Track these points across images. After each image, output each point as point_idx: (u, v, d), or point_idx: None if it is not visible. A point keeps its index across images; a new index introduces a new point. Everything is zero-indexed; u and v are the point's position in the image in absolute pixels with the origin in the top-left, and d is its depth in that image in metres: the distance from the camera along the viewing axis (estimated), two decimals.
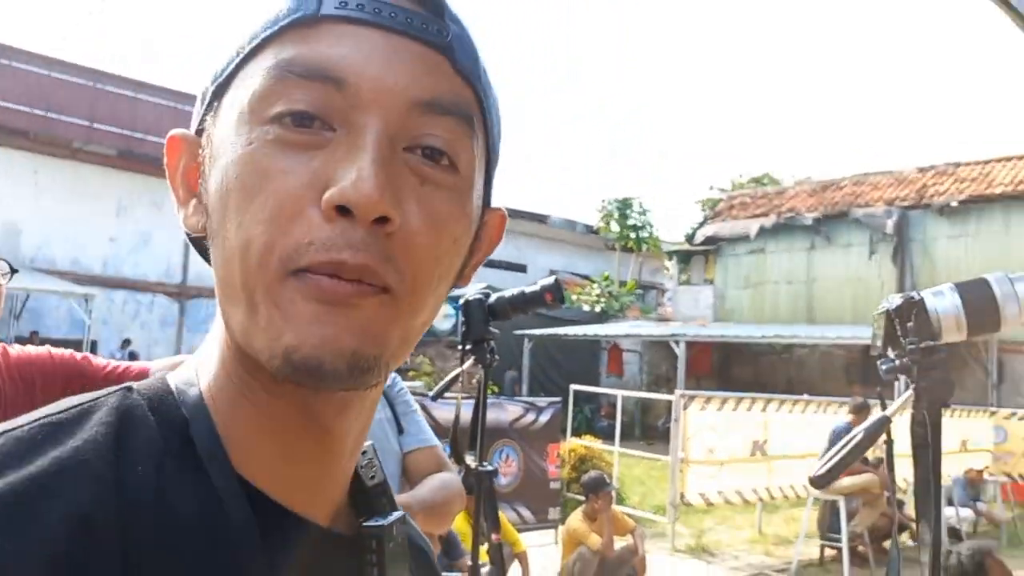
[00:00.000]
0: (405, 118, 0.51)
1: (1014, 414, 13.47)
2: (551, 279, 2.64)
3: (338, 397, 0.53)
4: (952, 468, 10.75)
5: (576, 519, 6.25)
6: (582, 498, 6.36)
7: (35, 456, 0.46)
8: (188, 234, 0.57)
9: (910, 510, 9.36)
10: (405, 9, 0.52)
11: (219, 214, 0.51)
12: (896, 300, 1.20)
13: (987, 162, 19.54)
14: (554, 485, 7.66)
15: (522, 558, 5.77)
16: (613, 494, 6.77)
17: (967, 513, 9.78)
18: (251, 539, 0.50)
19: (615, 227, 26.69)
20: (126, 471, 0.47)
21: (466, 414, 2.75)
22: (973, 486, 10.09)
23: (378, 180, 0.48)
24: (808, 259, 20.75)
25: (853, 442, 1.18)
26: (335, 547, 0.57)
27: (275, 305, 0.49)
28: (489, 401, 8.42)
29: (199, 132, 0.56)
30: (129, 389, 0.53)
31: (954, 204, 18.48)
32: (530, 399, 8.57)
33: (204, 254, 0.57)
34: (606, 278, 24.90)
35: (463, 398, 2.89)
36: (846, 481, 7.54)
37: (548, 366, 20.66)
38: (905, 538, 8.57)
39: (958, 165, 20.01)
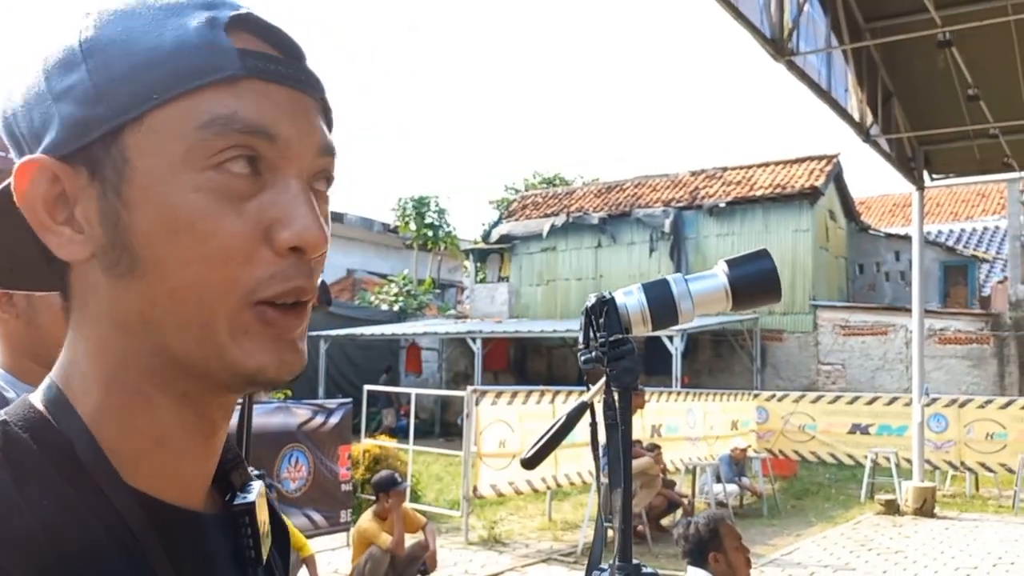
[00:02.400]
0: (312, 162, 0.59)
1: (773, 395, 14.91)
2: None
3: (231, 401, 0.62)
4: (726, 448, 11.73)
5: (366, 519, 6.25)
6: (375, 499, 6.37)
7: None
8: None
9: (682, 489, 10.13)
10: (288, 63, 0.59)
11: (158, 252, 0.55)
12: (592, 299, 1.34)
13: (750, 167, 21.41)
14: (346, 487, 7.61)
15: (310, 562, 5.70)
16: (406, 492, 6.83)
17: (733, 488, 10.67)
18: (154, 544, 0.55)
19: (413, 226, 26.75)
20: (39, 506, 0.51)
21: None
22: (738, 463, 11.01)
23: (321, 223, 0.57)
24: (596, 256, 21.79)
25: (557, 425, 1.32)
26: (215, 529, 0.63)
27: (232, 335, 0.56)
28: (276, 405, 8.15)
29: (67, 159, 0.56)
30: (4, 423, 0.55)
31: (722, 205, 20.11)
32: (319, 401, 8.45)
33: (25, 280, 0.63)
34: (404, 277, 24.93)
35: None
36: (634, 462, 8.03)
37: (346, 367, 20.40)
38: (679, 514, 9.28)
39: (725, 169, 21.77)
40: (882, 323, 17.97)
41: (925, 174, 11.64)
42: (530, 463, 1.36)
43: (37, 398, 0.58)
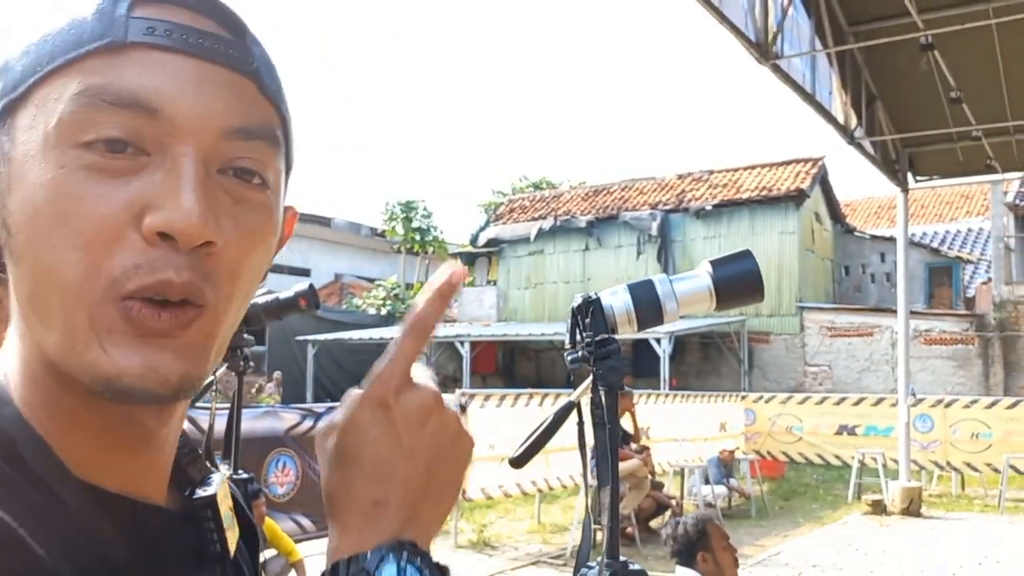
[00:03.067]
0: (218, 144, 0.52)
1: (761, 397, 14.97)
2: (305, 284, 2.67)
3: (162, 408, 0.56)
4: (714, 450, 11.77)
5: None
6: None
7: None
8: None
9: (671, 490, 10.16)
10: (212, 35, 0.53)
11: (26, 234, 0.50)
12: (578, 299, 1.35)
13: (735, 170, 21.52)
14: None
15: (299, 567, 5.69)
16: None
17: (721, 489, 10.71)
18: (109, 534, 0.51)
19: (400, 229, 26.73)
20: None
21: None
22: (726, 465, 11.05)
23: (200, 208, 0.50)
24: (583, 259, 21.85)
25: (544, 425, 1.33)
26: (176, 523, 0.59)
27: (94, 330, 0.50)
28: (264, 409, 8.12)
29: None
30: None
31: (708, 208, 20.20)
32: (308, 406, 8.43)
33: None
34: (392, 281, 24.90)
35: (218, 408, 2.83)
36: (621, 464, 8.04)
37: (334, 371, 20.36)
38: (667, 515, 9.30)
39: (711, 172, 21.88)
40: (868, 324, 18.09)
41: (909, 176, 11.72)
42: (518, 462, 1.38)
43: None
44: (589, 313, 1.35)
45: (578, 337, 1.42)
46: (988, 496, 12.05)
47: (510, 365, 22.68)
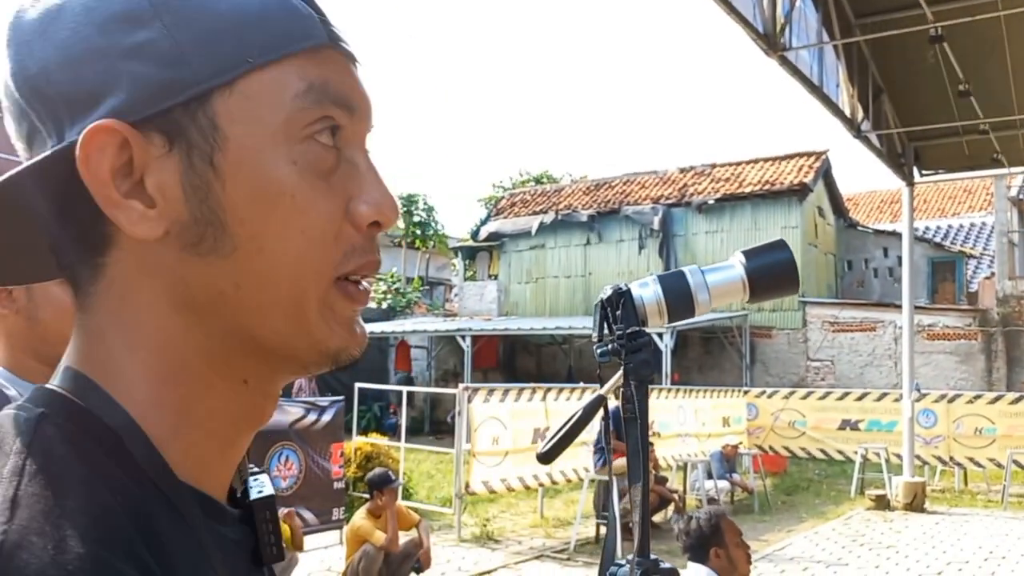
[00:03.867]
0: (368, 132, 0.58)
1: (763, 392, 14.95)
2: None
3: (280, 388, 0.60)
4: (716, 445, 11.75)
5: (360, 517, 6.22)
6: (369, 496, 6.35)
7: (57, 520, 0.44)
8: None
9: (674, 485, 10.14)
10: (346, 38, 0.57)
11: (254, 227, 0.52)
12: (608, 291, 1.31)
13: (738, 164, 21.46)
14: (338, 485, 7.56)
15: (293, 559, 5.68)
16: (399, 490, 6.80)
17: (724, 484, 10.70)
18: (206, 537, 0.53)
19: (401, 224, 26.68)
20: (122, 501, 0.48)
21: None
22: (729, 460, 11.03)
23: (394, 196, 0.57)
24: (584, 253, 21.80)
25: (573, 420, 1.29)
26: (235, 523, 0.59)
27: (321, 312, 0.54)
28: None
29: (140, 124, 0.50)
30: (43, 415, 0.50)
31: (711, 202, 20.14)
32: (311, 399, 8.40)
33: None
34: (393, 275, 24.87)
35: None
36: (620, 461, 8.02)
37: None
38: (671, 510, 9.28)
39: (714, 166, 21.81)
40: (871, 319, 18.05)
41: (915, 170, 11.68)
42: (546, 457, 1.33)
43: (64, 391, 0.52)
44: (620, 305, 1.31)
45: (606, 330, 1.37)
46: (991, 491, 12.03)
47: (511, 359, 22.66)
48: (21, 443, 0.48)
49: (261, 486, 0.62)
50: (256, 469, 0.67)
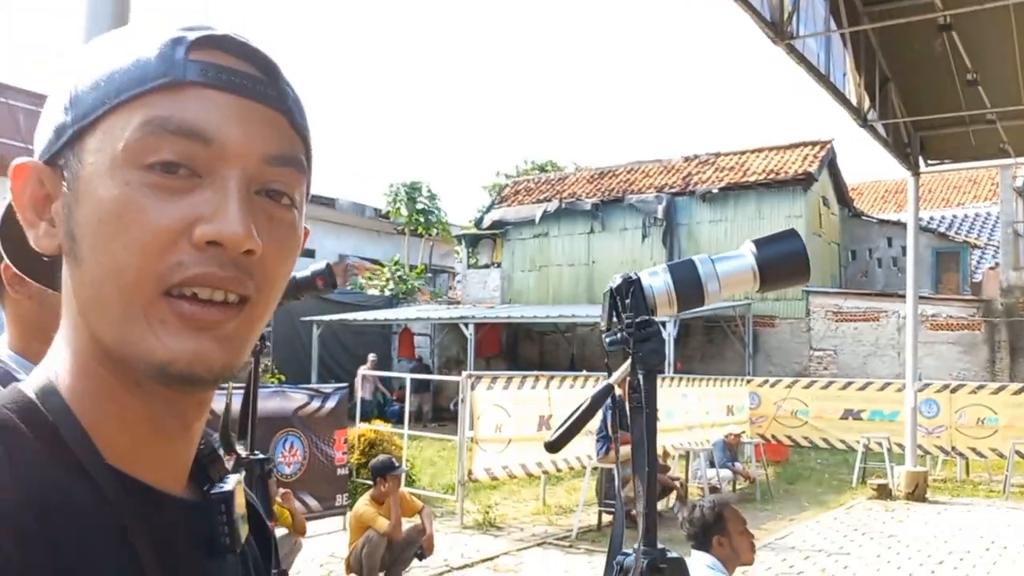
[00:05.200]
0: (257, 169, 0.61)
1: (766, 381, 14.95)
2: (322, 264, 2.63)
3: (201, 396, 0.65)
4: (719, 434, 11.76)
5: (363, 503, 6.24)
6: (372, 483, 6.36)
7: None
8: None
9: (676, 473, 10.15)
10: (252, 77, 0.62)
11: (91, 241, 0.59)
12: (617, 280, 1.31)
13: (743, 153, 21.37)
14: (341, 472, 7.58)
15: (296, 547, 5.72)
16: (402, 476, 6.81)
17: (726, 473, 10.71)
18: (133, 519, 0.59)
19: (404, 211, 26.63)
20: (25, 480, 0.55)
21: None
22: (731, 448, 11.04)
23: (244, 221, 0.59)
24: (588, 242, 21.76)
25: (581, 409, 1.28)
26: (191, 514, 0.66)
27: (149, 323, 0.59)
28: (272, 389, 8.15)
29: (50, 162, 0.62)
30: None
31: (715, 191, 20.08)
32: (315, 386, 8.41)
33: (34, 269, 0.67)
34: (396, 262, 24.85)
35: (234, 388, 2.80)
36: (623, 449, 8.03)
37: (338, 352, 20.35)
38: (672, 498, 9.31)
39: (718, 155, 21.73)
40: (874, 309, 18.02)
41: (920, 160, 11.63)
42: (554, 446, 1.33)
43: (28, 384, 0.62)
44: (629, 294, 1.30)
45: (615, 319, 1.37)
46: (993, 481, 12.04)
47: (514, 347, 22.67)
48: None
49: (223, 484, 0.69)
50: (261, 459, 0.73)
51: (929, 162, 12.02)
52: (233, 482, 0.70)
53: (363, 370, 16.49)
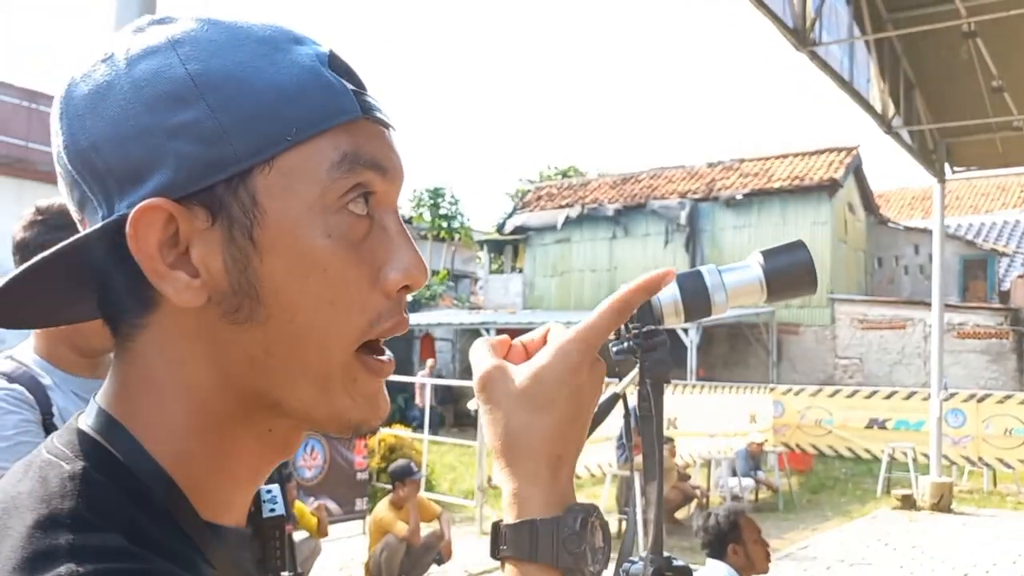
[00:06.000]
0: (399, 195, 0.60)
1: (790, 390, 14.83)
2: None
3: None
4: (742, 442, 11.70)
5: (382, 508, 6.28)
6: (391, 488, 6.40)
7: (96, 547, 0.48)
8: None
9: (697, 482, 10.11)
10: (378, 103, 0.59)
11: (287, 297, 0.54)
12: None
13: (767, 159, 21.25)
14: (361, 476, 7.64)
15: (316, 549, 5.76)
16: (421, 481, 6.85)
17: (748, 482, 10.65)
18: (224, 563, 0.56)
19: (427, 216, 26.74)
20: (144, 544, 0.50)
21: None
22: (754, 457, 10.97)
23: (423, 259, 0.58)
24: (610, 248, 21.73)
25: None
26: (248, 540, 0.64)
27: (343, 382, 0.56)
28: None
29: (185, 201, 0.53)
30: (85, 469, 0.53)
31: (739, 197, 19.98)
32: None
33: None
34: None
35: None
36: (637, 457, 8.01)
37: None
38: (693, 507, 9.27)
39: (742, 161, 21.63)
40: (900, 317, 17.84)
41: (947, 167, 11.51)
42: None
43: (97, 435, 0.56)
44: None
45: (622, 328, 1.38)
46: (1021, 493, 11.87)
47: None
48: (70, 501, 0.51)
49: (273, 503, 0.67)
50: (270, 486, 0.71)
51: (955, 169, 11.90)
52: (280, 502, 0.69)
53: (421, 376, 16.33)
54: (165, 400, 0.56)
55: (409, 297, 0.61)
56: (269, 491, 0.70)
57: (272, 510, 0.67)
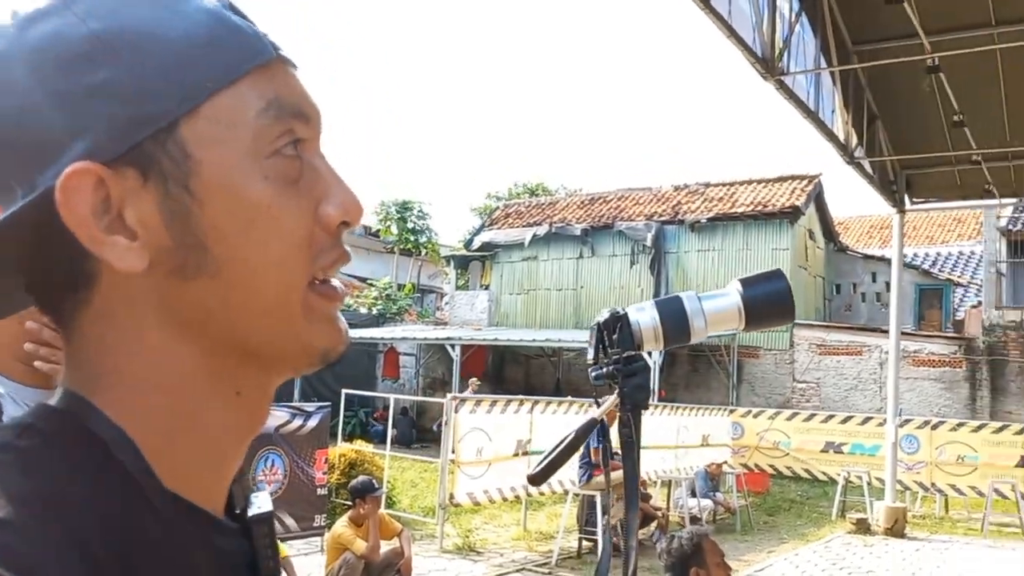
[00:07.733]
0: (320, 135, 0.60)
1: (749, 412, 14.99)
2: None
3: (271, 394, 0.62)
4: (696, 462, 11.78)
5: (342, 525, 6.20)
6: (351, 504, 6.33)
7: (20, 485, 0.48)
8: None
9: (658, 502, 10.14)
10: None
11: (234, 242, 0.53)
12: (605, 314, 1.32)
13: (732, 184, 21.55)
14: (321, 491, 7.54)
15: (286, 564, 5.64)
16: (382, 498, 6.78)
17: (707, 503, 10.71)
18: (195, 546, 0.55)
19: (395, 230, 26.67)
20: (91, 503, 0.49)
21: None
22: (713, 478, 11.05)
23: (358, 198, 0.59)
24: (577, 267, 21.83)
25: (566, 442, 1.30)
26: (235, 537, 0.60)
27: (305, 315, 0.57)
28: None
29: (113, 163, 0.51)
30: (31, 425, 0.53)
31: (703, 221, 20.22)
32: (297, 404, 8.38)
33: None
34: (386, 282, 24.84)
35: None
36: (614, 475, 8.01)
37: (323, 370, 20.20)
38: (654, 527, 9.29)
39: (708, 186, 21.90)
40: (857, 343, 18.12)
41: (906, 198, 11.76)
42: (537, 479, 1.34)
43: (58, 405, 0.54)
44: (616, 329, 1.32)
45: (602, 353, 1.39)
46: (972, 519, 12.08)
47: (499, 370, 22.64)
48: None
49: (261, 503, 0.64)
50: (258, 488, 0.68)
51: (915, 200, 12.16)
52: (267, 502, 0.65)
53: (468, 392, 15.54)
54: (120, 370, 0.54)
55: (373, 310, 0.61)
56: (257, 494, 0.67)
57: (259, 508, 0.64)
